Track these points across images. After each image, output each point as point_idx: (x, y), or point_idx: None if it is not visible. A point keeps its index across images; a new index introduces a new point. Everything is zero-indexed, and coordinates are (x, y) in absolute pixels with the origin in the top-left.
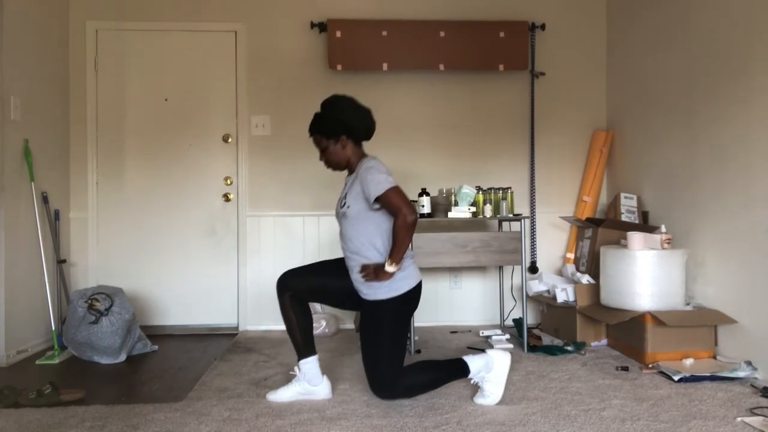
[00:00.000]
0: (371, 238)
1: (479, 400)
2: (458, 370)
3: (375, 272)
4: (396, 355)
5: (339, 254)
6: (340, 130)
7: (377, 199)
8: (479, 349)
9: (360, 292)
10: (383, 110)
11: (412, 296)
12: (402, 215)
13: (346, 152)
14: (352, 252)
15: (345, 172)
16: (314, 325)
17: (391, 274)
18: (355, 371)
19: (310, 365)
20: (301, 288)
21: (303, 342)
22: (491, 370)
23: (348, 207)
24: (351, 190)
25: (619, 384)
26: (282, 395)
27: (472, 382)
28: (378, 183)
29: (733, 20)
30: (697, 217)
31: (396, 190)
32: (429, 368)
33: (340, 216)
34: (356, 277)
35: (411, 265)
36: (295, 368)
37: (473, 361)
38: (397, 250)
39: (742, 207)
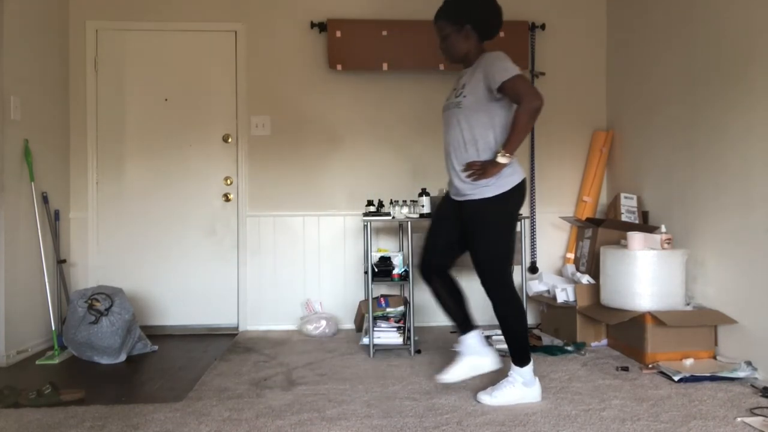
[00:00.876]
0: (484, 130)
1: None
2: (467, 325)
3: (483, 167)
4: (505, 255)
5: (340, 254)
6: (468, 19)
7: (501, 87)
8: None
9: (463, 194)
10: (383, 110)
11: (520, 193)
12: (527, 101)
13: (468, 44)
14: (462, 144)
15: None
16: (314, 325)
17: (501, 167)
18: (355, 371)
19: (473, 339)
20: (440, 262)
21: (462, 319)
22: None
23: (465, 96)
24: (470, 79)
25: (619, 384)
26: (453, 374)
27: (457, 348)
28: (506, 70)
29: (734, 20)
30: (697, 217)
31: (522, 77)
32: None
33: (453, 107)
34: (462, 177)
35: (516, 162)
36: (457, 345)
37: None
38: (515, 138)
39: (742, 207)
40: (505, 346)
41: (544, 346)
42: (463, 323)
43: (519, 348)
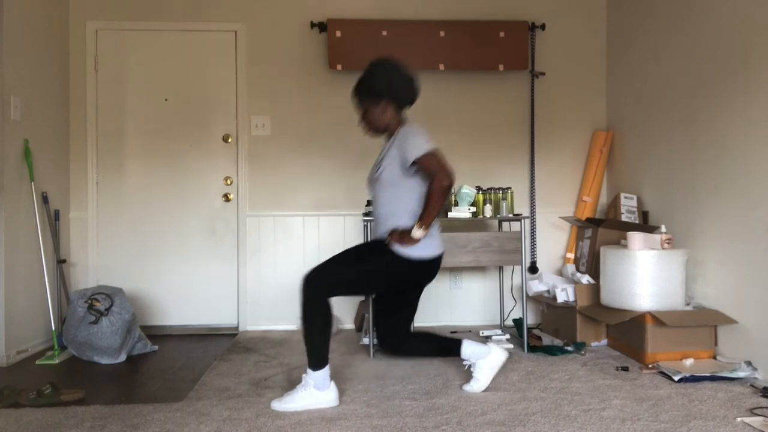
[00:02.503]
0: (405, 202)
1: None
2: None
3: (401, 236)
4: (354, 283)
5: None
6: (383, 93)
7: (414, 163)
8: None
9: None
10: None
11: (424, 267)
12: (438, 178)
13: (386, 116)
14: (384, 215)
15: (378, 143)
16: None
17: (417, 240)
18: (355, 371)
19: (467, 347)
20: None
21: (447, 347)
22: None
23: (383, 170)
24: (387, 154)
25: (619, 384)
26: (480, 383)
27: (465, 363)
28: (417, 146)
29: (734, 20)
30: (697, 217)
31: (434, 155)
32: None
33: (374, 180)
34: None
35: (436, 235)
36: (464, 362)
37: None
38: (428, 214)
39: (742, 207)
40: (505, 345)
41: (544, 346)
42: (453, 347)
43: (313, 351)
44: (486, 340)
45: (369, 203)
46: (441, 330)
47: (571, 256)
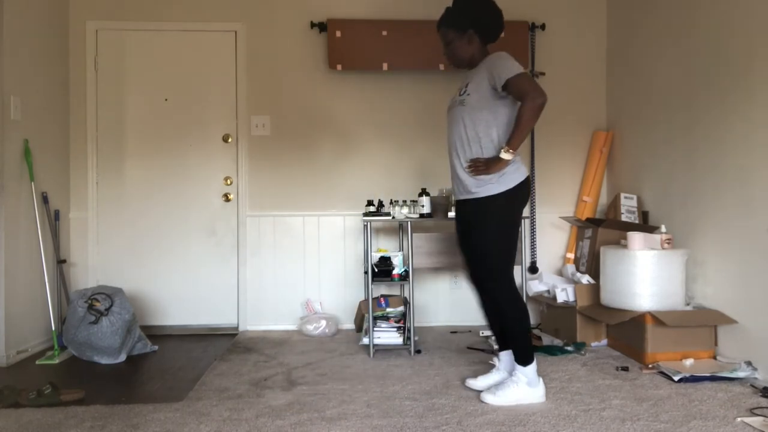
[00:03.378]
0: (488, 127)
1: (488, 395)
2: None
3: (487, 164)
4: (507, 254)
5: (340, 253)
6: (470, 24)
7: (506, 85)
8: (485, 350)
9: (468, 191)
10: (383, 110)
11: (523, 190)
12: (530, 97)
13: (472, 48)
14: (466, 142)
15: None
16: (314, 325)
17: (505, 164)
18: (355, 371)
19: (508, 355)
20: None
21: (502, 334)
22: (524, 383)
23: (468, 95)
24: (474, 78)
25: (619, 384)
26: (481, 383)
27: (494, 361)
28: (509, 68)
29: (735, 20)
30: (697, 217)
31: (526, 75)
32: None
33: (457, 104)
34: (466, 174)
35: (519, 159)
36: (495, 359)
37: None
38: (519, 134)
39: (742, 207)
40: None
41: (544, 346)
42: (502, 339)
43: (520, 347)
44: (486, 340)
45: (370, 203)
46: (441, 330)
47: (571, 256)
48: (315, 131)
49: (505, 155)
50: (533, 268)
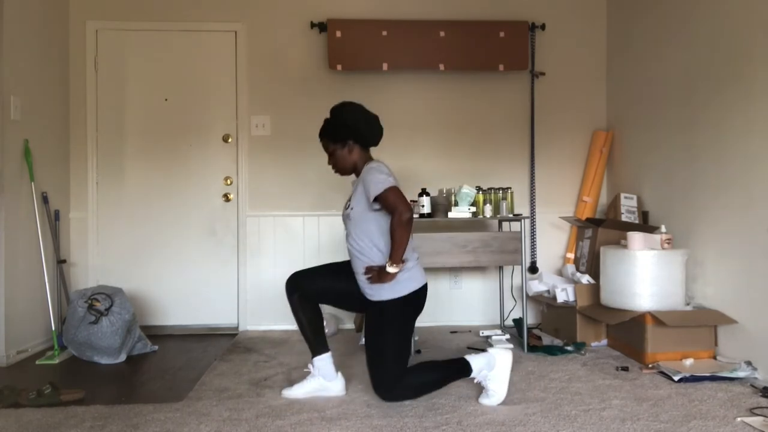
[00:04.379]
0: (373, 238)
1: (484, 400)
2: (460, 369)
3: (378, 274)
4: (399, 358)
5: (340, 254)
6: (348, 135)
7: (376, 199)
8: (480, 349)
9: (365, 293)
10: (383, 110)
11: (416, 298)
12: (397, 213)
13: (353, 157)
14: (357, 253)
15: (351, 177)
16: None
17: (394, 275)
18: (354, 371)
19: (323, 362)
20: (310, 289)
21: (315, 339)
22: (493, 368)
23: (352, 209)
24: (355, 192)
25: (619, 384)
26: (297, 391)
27: (475, 381)
28: (377, 183)
29: (734, 20)
30: (697, 217)
31: (394, 190)
32: (431, 368)
33: (345, 218)
34: (361, 279)
35: (415, 266)
36: (309, 365)
37: (475, 360)
38: (395, 249)
39: (742, 207)
40: (508, 344)
41: (544, 346)
42: (317, 344)
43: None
44: (486, 340)
45: None
46: (441, 330)
47: (571, 256)
48: (315, 131)
49: (390, 269)
50: (533, 268)
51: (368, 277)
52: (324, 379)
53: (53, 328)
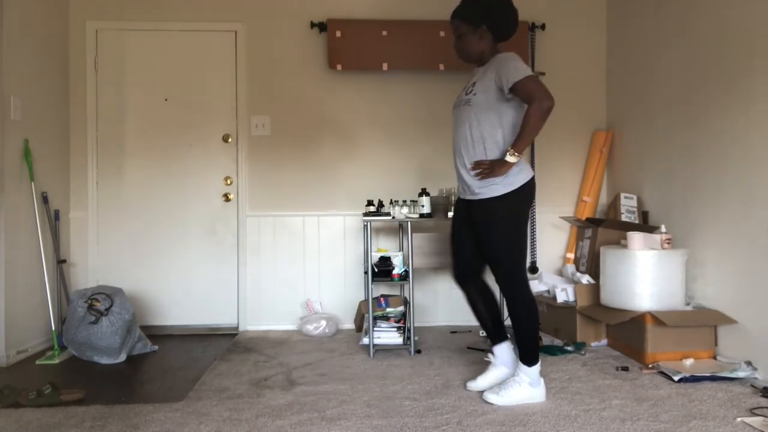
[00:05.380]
0: (493, 129)
1: (490, 395)
2: (498, 334)
3: (492, 166)
4: (517, 253)
5: (340, 254)
6: (484, 20)
7: (513, 87)
8: (485, 350)
9: (471, 193)
10: (383, 110)
11: (529, 190)
12: (538, 100)
13: (482, 44)
14: (472, 142)
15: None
16: (314, 325)
17: (510, 167)
18: (355, 371)
19: (503, 350)
20: (468, 268)
21: (493, 328)
22: (527, 384)
23: (475, 94)
24: (482, 78)
25: (619, 384)
26: (481, 383)
27: (489, 359)
28: (517, 69)
29: (734, 20)
30: (697, 217)
31: (534, 78)
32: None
33: (463, 104)
34: (468, 176)
35: (524, 161)
36: (489, 355)
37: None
38: (525, 137)
39: (742, 207)
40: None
41: (544, 346)
42: (494, 333)
43: (528, 347)
44: (486, 340)
45: (370, 203)
46: (441, 330)
47: (571, 256)
48: (315, 131)
49: (510, 158)
50: (533, 268)
51: (478, 172)
52: (506, 367)
53: (53, 328)
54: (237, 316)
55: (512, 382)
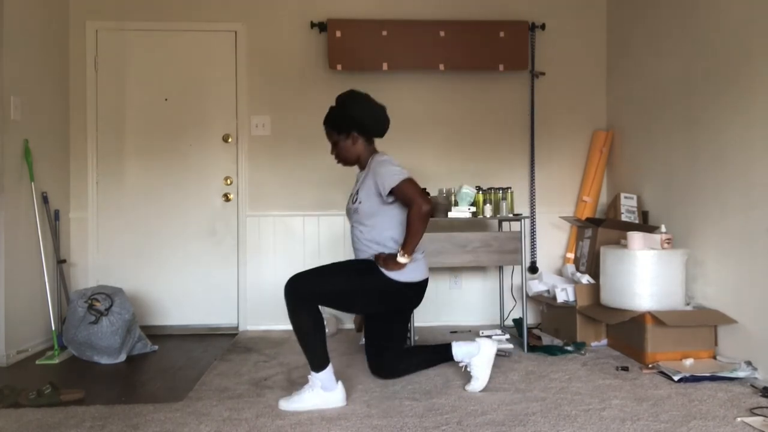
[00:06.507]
0: (383, 231)
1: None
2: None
3: (386, 261)
4: (326, 289)
5: (340, 254)
6: (352, 126)
7: (391, 192)
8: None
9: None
10: None
11: (412, 290)
12: (417, 205)
13: (357, 148)
14: (367, 242)
15: (354, 169)
16: None
17: (402, 266)
18: (355, 371)
19: (456, 352)
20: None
21: (439, 350)
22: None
23: (360, 203)
24: (363, 185)
25: (619, 384)
26: (475, 384)
27: (460, 365)
28: (392, 175)
29: (734, 20)
30: (697, 217)
31: (410, 182)
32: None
33: (352, 212)
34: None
35: (422, 260)
36: (459, 364)
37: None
38: (410, 241)
39: (742, 207)
40: (505, 345)
41: (544, 346)
42: (443, 353)
43: (314, 354)
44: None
45: None
46: (441, 330)
47: (571, 256)
48: (315, 131)
49: (401, 259)
50: (533, 268)
51: (377, 262)
52: (470, 358)
53: (53, 328)
54: (237, 315)
55: (305, 388)
